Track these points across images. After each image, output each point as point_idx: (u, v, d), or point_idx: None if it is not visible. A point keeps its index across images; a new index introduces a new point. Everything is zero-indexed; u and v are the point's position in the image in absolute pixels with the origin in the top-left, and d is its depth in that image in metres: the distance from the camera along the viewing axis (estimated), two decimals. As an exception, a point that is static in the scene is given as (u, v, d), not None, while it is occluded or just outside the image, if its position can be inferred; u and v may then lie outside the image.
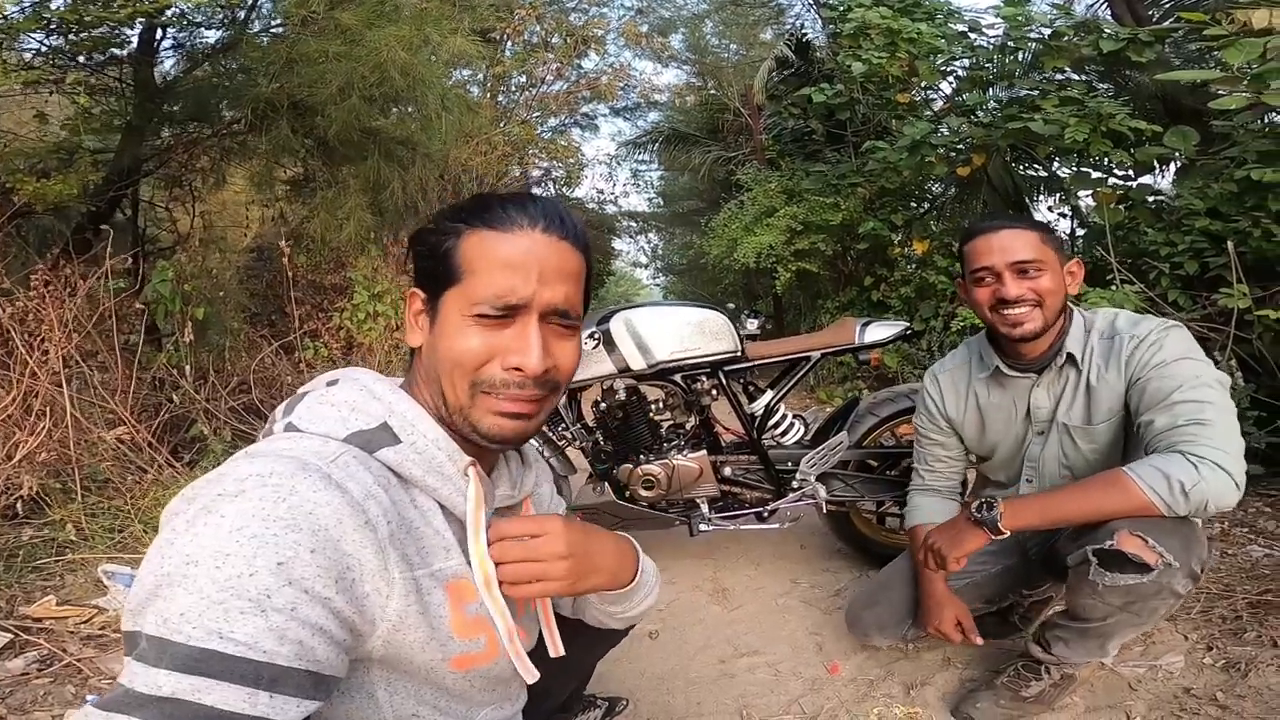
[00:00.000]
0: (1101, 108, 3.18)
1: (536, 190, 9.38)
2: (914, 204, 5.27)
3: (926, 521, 1.60)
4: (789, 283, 5.19)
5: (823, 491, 2.10)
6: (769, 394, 2.24)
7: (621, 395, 2.18)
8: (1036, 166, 4.81)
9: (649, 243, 15.12)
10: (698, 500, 2.20)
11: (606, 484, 2.24)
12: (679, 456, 2.17)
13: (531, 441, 0.98)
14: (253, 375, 3.07)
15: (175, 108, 3.89)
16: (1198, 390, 1.22)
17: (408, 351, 0.85)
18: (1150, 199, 3.39)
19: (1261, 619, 1.72)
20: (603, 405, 2.21)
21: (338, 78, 3.52)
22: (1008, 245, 1.34)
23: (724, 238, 5.83)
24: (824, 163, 5.49)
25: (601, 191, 10.80)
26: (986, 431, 1.57)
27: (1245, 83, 2.21)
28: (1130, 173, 3.58)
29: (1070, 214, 4.69)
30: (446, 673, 0.76)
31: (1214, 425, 1.18)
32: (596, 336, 2.10)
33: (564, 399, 2.25)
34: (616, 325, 2.10)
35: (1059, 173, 4.45)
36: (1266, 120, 3.21)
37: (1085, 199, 4.51)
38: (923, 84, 4.42)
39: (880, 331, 2.13)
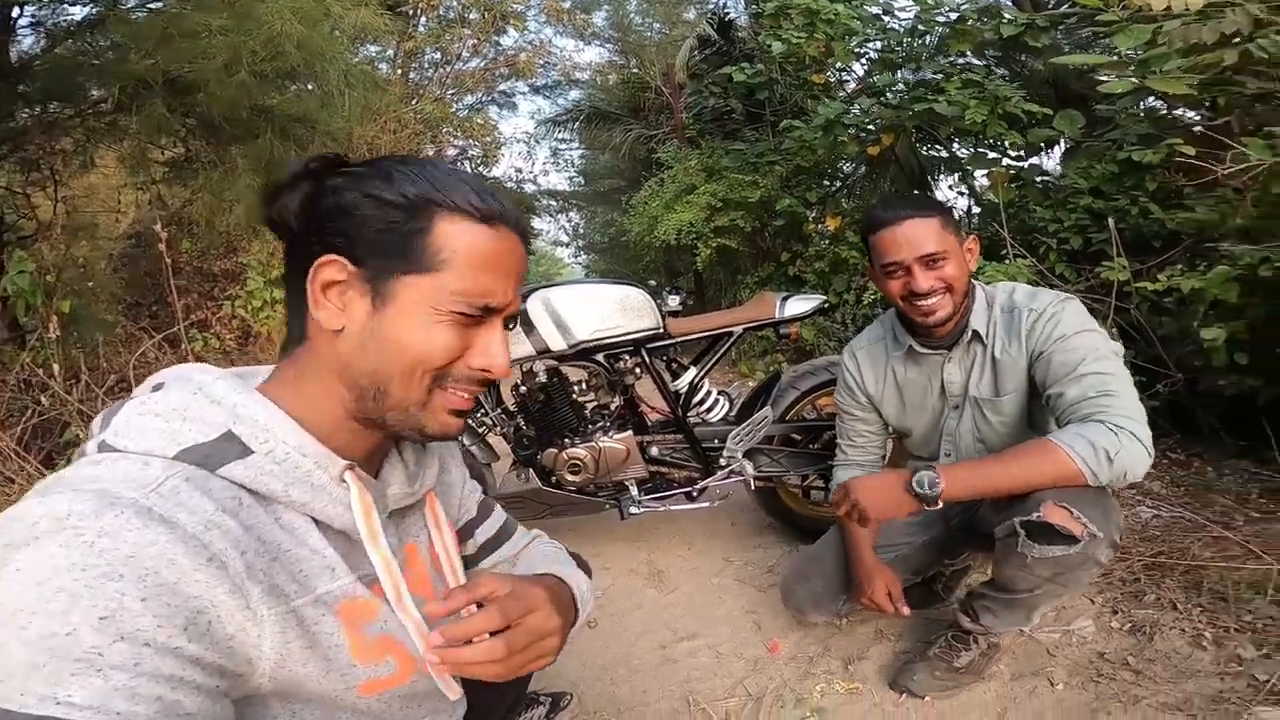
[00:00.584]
0: (999, 90, 3.32)
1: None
2: (827, 182, 5.39)
3: None
4: (709, 259, 5.22)
5: (750, 468, 2.10)
6: (692, 371, 2.21)
7: (542, 377, 2.10)
8: (939, 147, 5.01)
9: (569, 221, 14.89)
10: (626, 482, 2.16)
11: (531, 470, 2.16)
12: (605, 438, 2.12)
13: None
14: (133, 371, 2.79)
15: (32, 87, 3.47)
16: (1101, 362, 1.26)
17: (285, 337, 0.71)
18: (1039, 179, 3.56)
19: (1158, 581, 1.80)
20: (523, 389, 2.12)
21: (223, 53, 3.21)
22: (914, 238, 1.33)
23: (644, 215, 5.80)
24: (743, 141, 5.53)
25: (520, 170, 10.52)
26: (906, 408, 1.58)
27: (1133, 67, 2.31)
28: (1022, 153, 3.76)
29: (967, 192, 4.91)
30: (356, 699, 0.67)
31: (1122, 396, 1.22)
32: (513, 317, 2.01)
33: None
34: (534, 305, 2.01)
35: (958, 154, 4.64)
36: (1144, 105, 3.41)
37: (981, 178, 4.75)
38: (837, 65, 4.49)
39: (799, 305, 2.14)
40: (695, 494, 2.18)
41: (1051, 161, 5.01)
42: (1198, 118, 2.78)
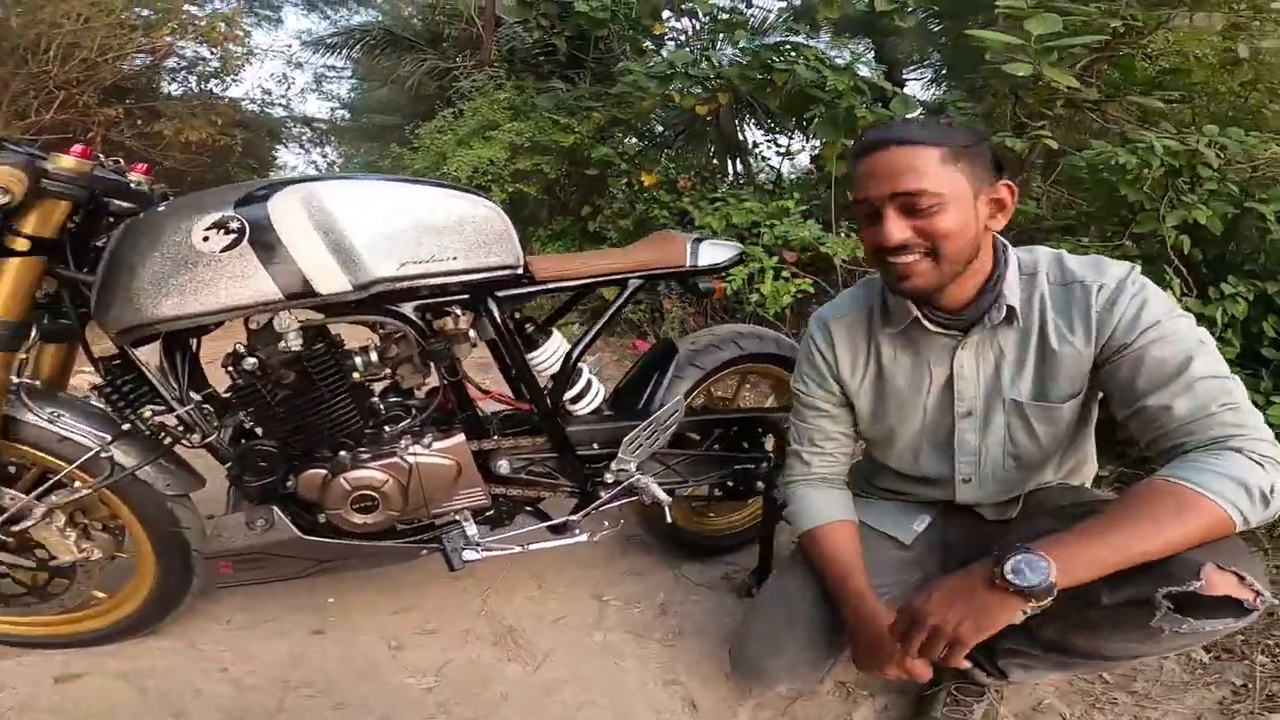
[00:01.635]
0: (859, 60, 2.94)
1: (172, 86, 6.41)
2: (634, 139, 4.71)
3: (829, 520, 1.08)
4: (502, 205, 4.23)
5: (659, 490, 1.28)
6: (557, 338, 1.32)
7: (295, 342, 1.02)
8: (752, 123, 4.63)
9: (324, 156, 11.97)
10: (457, 516, 1.20)
11: (275, 509, 1.09)
12: (418, 448, 1.13)
13: None
14: None
15: None
16: (1212, 360, 0.86)
17: None
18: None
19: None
20: (250, 362, 1.03)
21: None
22: (889, 169, 0.87)
23: (433, 150, 4.54)
24: (562, 81, 4.55)
25: (269, 93, 7.91)
26: (888, 407, 1.06)
27: (1036, 54, 2.10)
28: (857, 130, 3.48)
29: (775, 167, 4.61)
30: None
31: (1248, 409, 0.84)
32: (234, 229, 0.92)
33: (160, 350, 1.02)
34: (288, 208, 0.95)
35: (774, 130, 4.29)
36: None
37: (768, 164, 4.49)
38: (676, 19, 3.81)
39: (716, 253, 1.37)
40: (572, 527, 1.30)
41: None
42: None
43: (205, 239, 0.90)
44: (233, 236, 0.91)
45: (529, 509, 1.34)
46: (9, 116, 4.10)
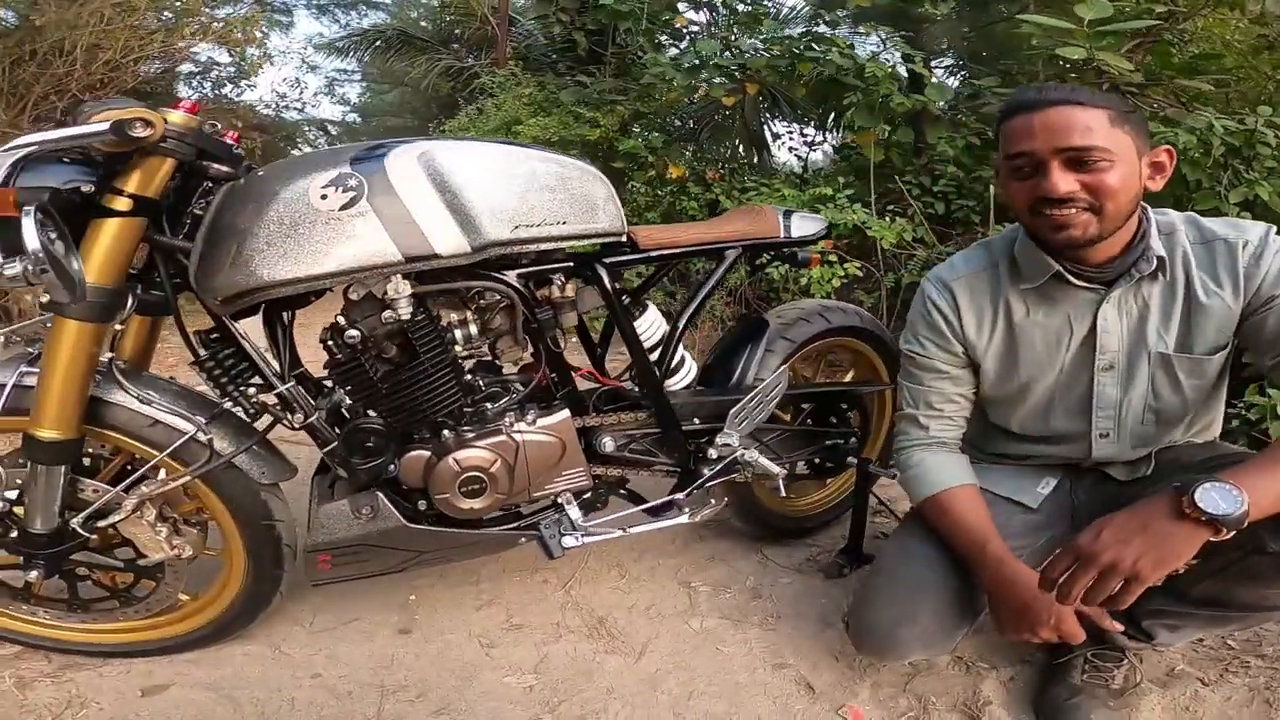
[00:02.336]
0: (901, 49, 2.88)
1: (187, 91, 6.29)
2: (656, 133, 4.62)
3: (955, 484, 1.02)
4: None
5: (769, 462, 1.20)
6: (653, 311, 1.24)
7: (404, 311, 0.94)
8: (769, 114, 4.55)
9: None
10: (559, 499, 1.12)
11: (380, 495, 1.00)
12: (523, 425, 1.05)
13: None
14: None
15: None
16: None
17: None
18: (904, 141, 3.23)
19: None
20: (351, 335, 0.94)
21: None
22: (1058, 125, 0.87)
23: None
24: (585, 75, 4.46)
25: (283, 96, 7.78)
26: (1021, 364, 1.02)
27: (1089, 37, 2.06)
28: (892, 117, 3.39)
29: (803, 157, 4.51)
30: None
31: None
32: (352, 186, 0.84)
33: (260, 322, 0.93)
34: (404, 164, 0.87)
35: (801, 125, 4.21)
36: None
37: (795, 154, 4.41)
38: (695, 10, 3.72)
39: (807, 225, 1.30)
40: (678, 508, 1.22)
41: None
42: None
43: (323, 197, 0.82)
44: (351, 194, 0.83)
45: (622, 491, 1.26)
46: (33, 120, 4.00)
